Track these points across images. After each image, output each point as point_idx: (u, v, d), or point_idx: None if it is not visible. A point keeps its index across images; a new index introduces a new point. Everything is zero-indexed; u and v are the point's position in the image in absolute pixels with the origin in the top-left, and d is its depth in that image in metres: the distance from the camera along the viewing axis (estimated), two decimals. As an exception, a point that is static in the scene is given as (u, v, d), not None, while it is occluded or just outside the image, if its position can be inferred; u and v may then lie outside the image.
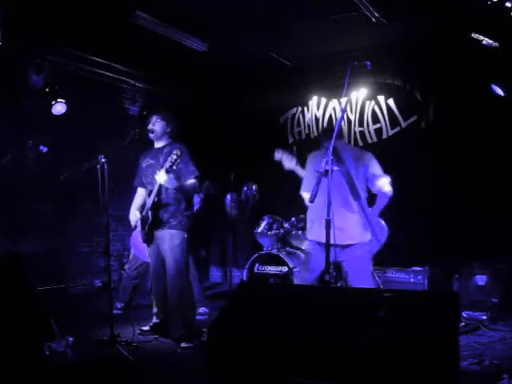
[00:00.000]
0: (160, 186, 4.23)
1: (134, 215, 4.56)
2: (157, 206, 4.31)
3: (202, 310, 5.42)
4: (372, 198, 4.20)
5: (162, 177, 4.11)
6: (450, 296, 2.53)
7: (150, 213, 4.31)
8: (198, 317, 4.98)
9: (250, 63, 6.67)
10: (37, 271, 3.69)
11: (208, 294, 6.35)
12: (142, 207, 4.51)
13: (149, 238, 4.44)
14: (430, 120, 6.03)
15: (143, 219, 4.42)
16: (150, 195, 4.35)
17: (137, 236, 5.17)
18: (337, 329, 2.38)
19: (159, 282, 4.48)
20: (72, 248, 6.40)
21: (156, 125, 4.44)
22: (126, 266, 5.85)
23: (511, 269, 5.07)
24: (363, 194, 4.08)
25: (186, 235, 4.35)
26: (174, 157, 4.02)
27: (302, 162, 4.36)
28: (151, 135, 4.47)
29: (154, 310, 4.63)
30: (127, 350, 3.97)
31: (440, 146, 5.79)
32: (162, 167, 4.16)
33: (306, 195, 4.12)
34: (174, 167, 4.06)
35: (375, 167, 4.12)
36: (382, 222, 4.29)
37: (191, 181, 4.32)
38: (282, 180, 5.38)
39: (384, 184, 4.08)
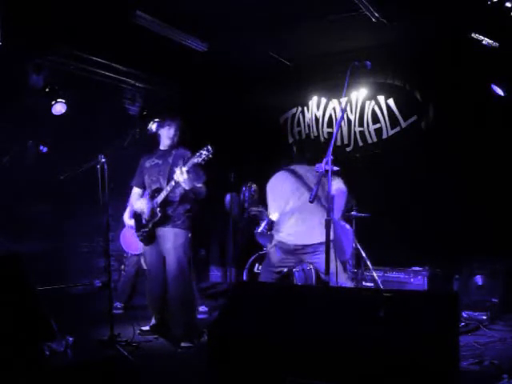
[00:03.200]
0: (174, 185, 4.23)
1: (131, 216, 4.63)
2: (164, 204, 4.32)
3: (201, 308, 5.43)
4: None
5: (181, 176, 4.07)
6: (449, 296, 2.53)
7: (158, 209, 4.31)
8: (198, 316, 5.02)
9: (249, 63, 6.67)
10: (37, 271, 3.67)
11: (208, 294, 6.35)
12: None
13: (149, 237, 4.43)
14: (430, 120, 6.03)
15: (148, 218, 4.42)
16: (157, 193, 4.33)
17: (126, 232, 5.31)
18: (337, 329, 2.38)
19: (158, 281, 4.46)
20: (72, 248, 6.41)
21: (176, 135, 4.49)
22: (125, 267, 5.89)
23: (511, 269, 5.07)
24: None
25: (189, 234, 4.39)
26: (199, 159, 4.01)
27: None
28: (168, 141, 4.49)
29: (150, 311, 4.64)
30: (127, 350, 3.97)
31: (440, 146, 5.79)
32: (177, 167, 4.13)
33: (275, 216, 4.35)
34: (195, 168, 4.11)
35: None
36: (347, 226, 4.54)
37: (199, 185, 4.35)
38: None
39: (338, 183, 4.22)
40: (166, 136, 4.50)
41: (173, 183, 4.20)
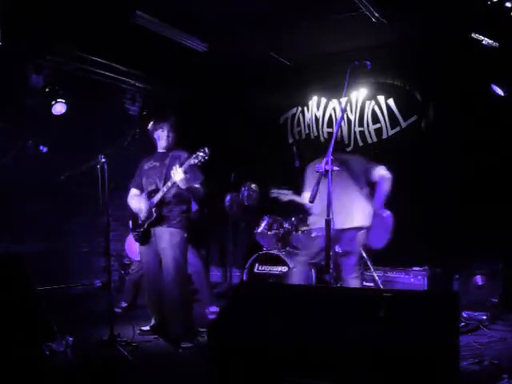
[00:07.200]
0: (171, 185, 4.24)
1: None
2: (161, 204, 4.33)
3: (212, 309, 5.43)
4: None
5: (178, 175, 4.11)
6: (450, 296, 2.53)
7: (154, 209, 4.32)
8: (209, 316, 5.14)
9: (249, 63, 6.67)
10: (37, 271, 3.68)
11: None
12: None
13: (145, 237, 4.44)
14: (430, 120, 6.03)
15: (145, 218, 4.42)
16: (154, 193, 4.35)
17: (131, 239, 5.25)
18: (337, 329, 2.38)
19: (156, 282, 4.46)
20: (72, 248, 6.41)
21: (170, 136, 4.52)
22: (129, 270, 5.93)
23: (511, 269, 5.07)
24: (365, 189, 4.42)
25: (186, 234, 4.38)
26: (196, 161, 4.05)
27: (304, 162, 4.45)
28: (163, 143, 4.52)
29: (149, 311, 4.64)
30: (127, 350, 3.97)
31: (440, 146, 5.78)
32: (175, 167, 4.16)
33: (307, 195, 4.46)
34: (192, 168, 4.14)
35: (370, 163, 4.51)
36: (386, 212, 4.53)
37: (197, 185, 4.36)
38: (281, 180, 5.38)
39: (382, 171, 4.41)
40: (161, 138, 4.54)
41: (169, 184, 4.22)
